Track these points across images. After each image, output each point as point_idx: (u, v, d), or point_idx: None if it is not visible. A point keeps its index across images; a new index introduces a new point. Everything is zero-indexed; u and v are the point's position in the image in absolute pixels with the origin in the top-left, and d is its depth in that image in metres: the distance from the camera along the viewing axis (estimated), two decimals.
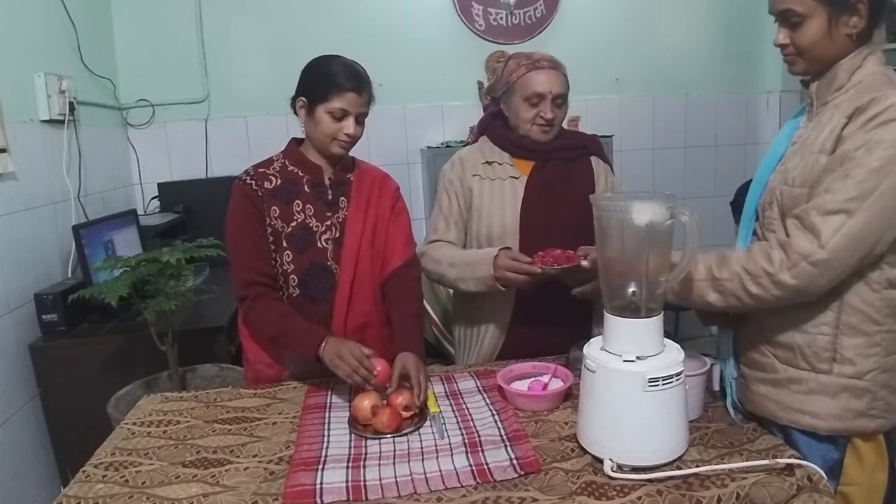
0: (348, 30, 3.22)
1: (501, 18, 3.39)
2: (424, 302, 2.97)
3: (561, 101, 1.65)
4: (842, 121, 1.12)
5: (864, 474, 1.18)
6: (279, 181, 1.60)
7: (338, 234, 1.62)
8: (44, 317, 2.11)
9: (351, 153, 1.67)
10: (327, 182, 1.63)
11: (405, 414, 1.33)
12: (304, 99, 1.56)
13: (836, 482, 1.19)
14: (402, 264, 1.67)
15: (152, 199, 3.13)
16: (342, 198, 1.64)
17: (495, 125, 1.75)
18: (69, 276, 2.36)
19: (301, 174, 1.62)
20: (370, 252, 1.64)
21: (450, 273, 1.66)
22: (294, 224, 1.59)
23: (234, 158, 3.06)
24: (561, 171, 1.70)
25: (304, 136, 1.64)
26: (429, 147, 3.31)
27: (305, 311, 1.59)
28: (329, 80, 1.52)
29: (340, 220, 1.63)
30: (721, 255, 1.21)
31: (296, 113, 1.61)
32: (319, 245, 1.60)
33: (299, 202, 1.60)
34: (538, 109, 1.63)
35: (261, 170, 1.61)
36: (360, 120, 1.56)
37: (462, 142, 3.27)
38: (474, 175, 1.73)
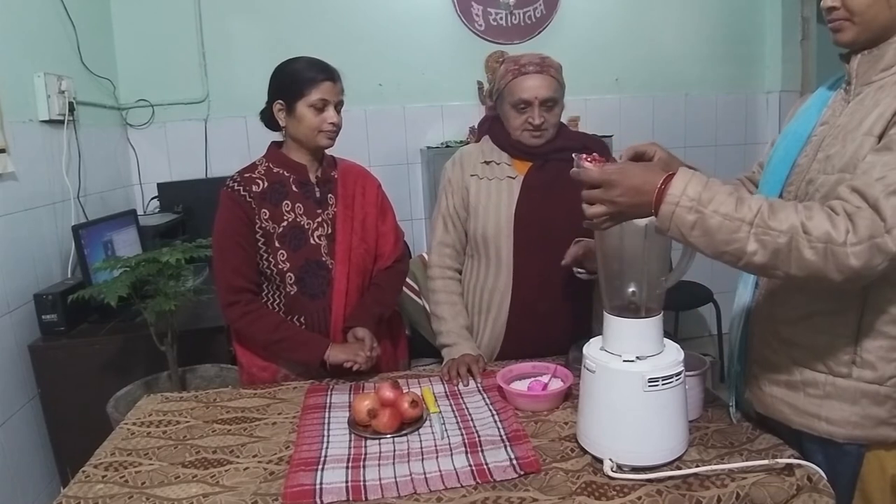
0: (348, 30, 3.22)
1: (501, 18, 3.39)
2: (424, 301, 2.98)
3: (551, 104, 1.62)
4: (894, 103, 1.01)
5: (887, 488, 1.09)
6: (266, 184, 1.62)
7: (329, 231, 1.65)
8: (43, 317, 2.11)
9: (337, 154, 1.71)
10: (314, 180, 1.66)
11: (412, 411, 1.31)
12: (281, 102, 1.59)
13: (850, 496, 1.11)
14: (393, 262, 1.76)
15: (152, 199, 3.12)
16: (330, 195, 1.67)
17: (497, 126, 1.75)
18: (69, 276, 2.36)
19: (287, 175, 1.64)
20: (362, 246, 1.68)
21: (434, 323, 1.73)
22: (285, 224, 1.61)
23: (233, 159, 3.02)
24: (560, 171, 1.67)
25: (282, 139, 1.67)
26: (428, 147, 3.31)
27: (304, 308, 1.61)
28: (302, 76, 1.56)
29: (331, 216, 1.66)
30: (769, 200, 1.00)
31: (267, 125, 1.65)
32: (313, 242, 1.63)
33: (288, 202, 1.62)
34: (526, 115, 1.62)
35: (246, 175, 1.64)
36: (338, 108, 1.60)
37: (462, 142, 3.26)
38: (472, 175, 1.73)
